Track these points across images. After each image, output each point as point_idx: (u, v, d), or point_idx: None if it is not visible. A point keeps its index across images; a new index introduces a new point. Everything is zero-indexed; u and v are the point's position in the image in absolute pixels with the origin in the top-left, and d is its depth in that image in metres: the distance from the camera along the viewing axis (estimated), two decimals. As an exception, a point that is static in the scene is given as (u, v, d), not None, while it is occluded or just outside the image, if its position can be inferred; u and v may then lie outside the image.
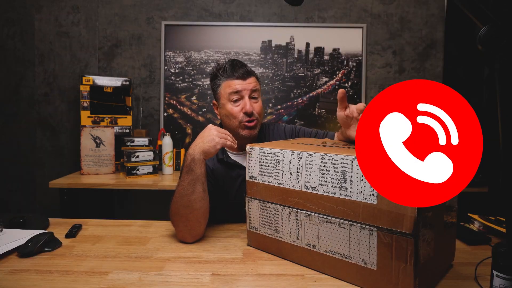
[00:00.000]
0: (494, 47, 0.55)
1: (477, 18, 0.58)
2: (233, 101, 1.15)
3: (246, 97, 1.14)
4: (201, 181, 0.97)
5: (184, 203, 0.95)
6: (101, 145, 2.11)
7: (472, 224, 1.09)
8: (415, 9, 2.47)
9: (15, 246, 0.88)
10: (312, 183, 0.78)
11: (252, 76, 1.18)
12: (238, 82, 1.14)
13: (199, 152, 0.96)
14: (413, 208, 0.62)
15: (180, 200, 0.96)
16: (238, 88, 1.13)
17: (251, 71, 1.19)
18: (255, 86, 1.16)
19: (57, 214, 2.34)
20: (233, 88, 1.14)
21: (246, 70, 1.16)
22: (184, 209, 0.95)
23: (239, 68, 1.15)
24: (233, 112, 1.14)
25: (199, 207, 0.96)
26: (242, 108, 1.14)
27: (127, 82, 2.32)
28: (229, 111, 1.15)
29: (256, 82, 1.18)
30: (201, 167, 0.97)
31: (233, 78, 1.14)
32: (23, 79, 2.40)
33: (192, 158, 0.96)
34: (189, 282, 0.75)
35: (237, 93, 1.14)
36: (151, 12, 2.48)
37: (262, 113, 1.21)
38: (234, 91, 1.13)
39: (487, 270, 0.65)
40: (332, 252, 0.76)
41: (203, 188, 0.97)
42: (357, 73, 2.49)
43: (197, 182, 0.96)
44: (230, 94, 1.14)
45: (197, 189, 0.96)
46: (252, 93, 1.16)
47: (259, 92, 1.21)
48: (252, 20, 2.49)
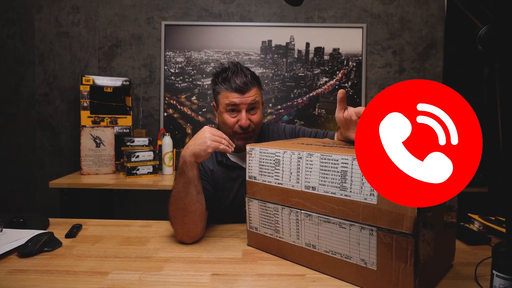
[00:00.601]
0: (494, 47, 0.55)
1: (477, 18, 0.58)
2: (230, 111, 1.13)
3: (243, 111, 1.12)
4: (193, 183, 0.95)
5: (179, 206, 0.95)
6: (101, 145, 2.11)
7: (472, 224, 1.09)
8: (415, 9, 2.47)
9: (15, 246, 0.88)
10: (312, 183, 0.77)
11: (252, 87, 1.13)
12: (236, 96, 1.11)
13: (190, 154, 0.94)
14: (413, 208, 0.62)
15: (175, 203, 0.95)
16: (236, 102, 1.11)
17: (252, 81, 1.13)
18: (254, 99, 1.13)
19: (57, 214, 2.33)
20: (230, 101, 1.11)
21: (246, 82, 1.11)
22: (179, 212, 0.95)
23: (239, 78, 1.11)
24: (228, 123, 1.13)
25: (194, 209, 0.95)
26: (238, 120, 1.13)
27: (127, 82, 2.32)
28: (225, 120, 1.14)
29: (256, 95, 1.14)
30: (192, 170, 0.94)
31: (232, 91, 1.11)
32: (23, 79, 2.40)
33: (184, 161, 0.94)
34: (189, 282, 0.75)
35: (234, 106, 1.12)
36: (151, 12, 2.48)
37: (260, 122, 1.19)
38: (231, 103, 1.11)
39: (487, 270, 0.65)
40: (332, 252, 0.76)
41: (196, 191, 0.96)
42: (357, 73, 2.49)
43: (190, 185, 0.94)
44: (227, 105, 1.12)
45: (190, 192, 0.94)
46: (250, 106, 1.13)
47: (260, 102, 1.17)
48: (252, 20, 2.49)
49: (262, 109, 1.21)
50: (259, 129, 1.21)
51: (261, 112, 1.20)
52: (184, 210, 0.94)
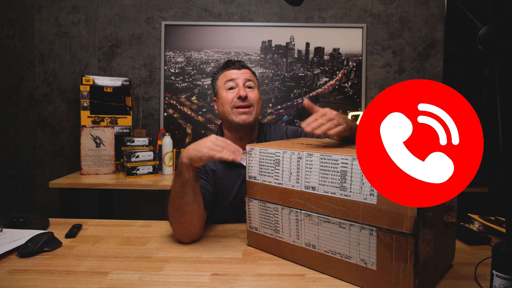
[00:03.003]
0: (494, 47, 0.55)
1: (477, 18, 0.58)
2: (228, 89, 1.21)
3: (241, 84, 1.20)
4: (190, 185, 0.93)
5: (176, 207, 0.94)
6: (101, 145, 2.11)
7: (472, 224, 1.09)
8: (415, 9, 2.47)
9: (15, 246, 0.88)
10: (312, 183, 0.77)
11: (247, 68, 1.26)
12: (233, 72, 1.22)
13: (186, 157, 0.92)
14: (413, 208, 0.62)
15: (173, 203, 0.95)
16: (233, 77, 1.21)
17: (246, 65, 1.27)
18: (250, 77, 1.23)
19: (57, 214, 2.34)
20: (228, 77, 1.21)
21: (241, 64, 1.25)
22: (177, 212, 0.94)
23: (235, 61, 1.26)
24: (227, 98, 1.20)
25: (191, 210, 0.94)
26: (237, 94, 1.19)
27: (127, 82, 2.32)
28: (224, 97, 1.20)
29: (251, 75, 1.25)
30: (189, 172, 0.92)
31: (229, 69, 1.24)
32: (23, 79, 2.40)
33: (181, 162, 0.93)
34: (189, 282, 0.75)
35: (232, 81, 1.21)
36: (151, 12, 2.48)
37: (259, 102, 1.25)
38: (229, 79, 1.21)
39: (487, 270, 0.65)
40: (332, 252, 0.76)
41: (193, 192, 0.94)
42: (357, 73, 2.49)
43: (186, 186, 0.93)
44: (226, 83, 1.21)
45: (187, 193, 0.93)
46: (246, 82, 1.22)
47: (255, 85, 1.26)
48: (252, 20, 2.49)
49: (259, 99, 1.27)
50: (259, 112, 1.25)
51: (259, 97, 1.26)
52: (181, 210, 0.94)
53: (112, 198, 2.50)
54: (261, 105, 1.29)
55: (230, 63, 1.25)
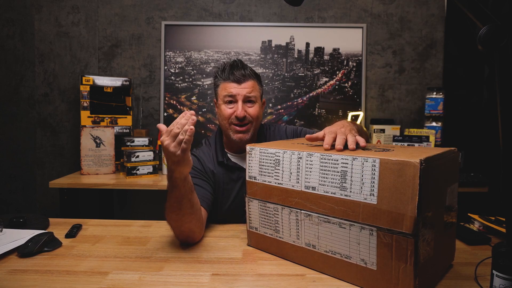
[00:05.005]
0: (494, 47, 0.55)
1: (477, 18, 0.58)
2: (227, 103, 1.15)
3: (240, 101, 1.14)
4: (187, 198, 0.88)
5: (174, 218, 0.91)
6: (101, 145, 2.11)
7: (472, 224, 1.09)
8: (415, 9, 2.47)
9: (15, 246, 0.88)
10: (312, 183, 0.77)
11: (250, 79, 1.15)
12: (233, 86, 1.14)
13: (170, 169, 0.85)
14: (413, 208, 0.62)
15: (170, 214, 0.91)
16: (233, 92, 1.14)
17: (250, 74, 1.16)
18: (250, 92, 1.15)
19: (57, 214, 2.35)
20: (227, 91, 1.15)
21: (244, 73, 1.14)
22: (175, 223, 0.92)
23: (238, 71, 1.14)
24: (225, 114, 1.15)
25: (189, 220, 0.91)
26: (234, 111, 1.14)
27: (127, 82, 2.32)
28: (222, 112, 1.16)
29: (253, 87, 1.16)
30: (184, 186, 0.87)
31: (229, 81, 1.15)
32: (23, 79, 2.40)
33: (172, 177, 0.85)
34: (189, 282, 0.75)
35: (231, 97, 1.14)
36: (151, 12, 2.48)
37: (259, 116, 1.19)
38: (228, 94, 1.15)
39: (487, 270, 0.65)
40: (332, 252, 0.76)
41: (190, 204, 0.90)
42: (357, 73, 2.49)
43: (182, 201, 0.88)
44: (225, 97, 1.15)
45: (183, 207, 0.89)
46: (246, 98, 1.15)
47: (258, 96, 1.18)
48: (252, 20, 2.49)
49: (261, 106, 1.21)
50: (258, 125, 1.20)
51: (260, 108, 1.20)
52: (180, 221, 0.91)
53: (112, 198, 2.50)
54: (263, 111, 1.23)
55: (232, 73, 1.14)
